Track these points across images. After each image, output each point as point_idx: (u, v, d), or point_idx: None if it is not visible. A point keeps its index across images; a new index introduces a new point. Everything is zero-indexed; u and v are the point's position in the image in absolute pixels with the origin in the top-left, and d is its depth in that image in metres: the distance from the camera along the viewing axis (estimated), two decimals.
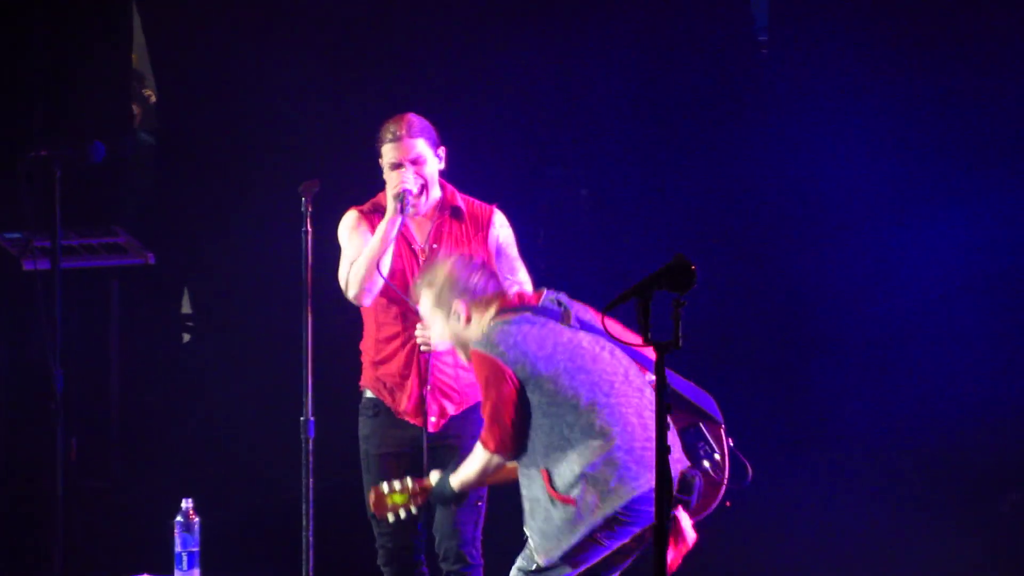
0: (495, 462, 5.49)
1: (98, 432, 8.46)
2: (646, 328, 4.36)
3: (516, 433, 5.39)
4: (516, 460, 5.45)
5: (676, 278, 4.35)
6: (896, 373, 8.09)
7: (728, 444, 5.47)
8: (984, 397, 7.95)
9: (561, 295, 5.54)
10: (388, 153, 6.04)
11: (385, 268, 6.00)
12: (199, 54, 8.86)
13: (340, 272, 6.09)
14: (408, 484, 5.68)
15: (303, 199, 6.00)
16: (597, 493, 5.26)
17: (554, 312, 5.49)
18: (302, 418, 6.04)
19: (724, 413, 5.54)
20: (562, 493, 5.32)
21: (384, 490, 5.67)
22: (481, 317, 5.49)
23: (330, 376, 6.37)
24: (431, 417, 6.07)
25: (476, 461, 5.53)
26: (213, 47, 8.80)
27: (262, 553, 7.75)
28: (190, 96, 9.00)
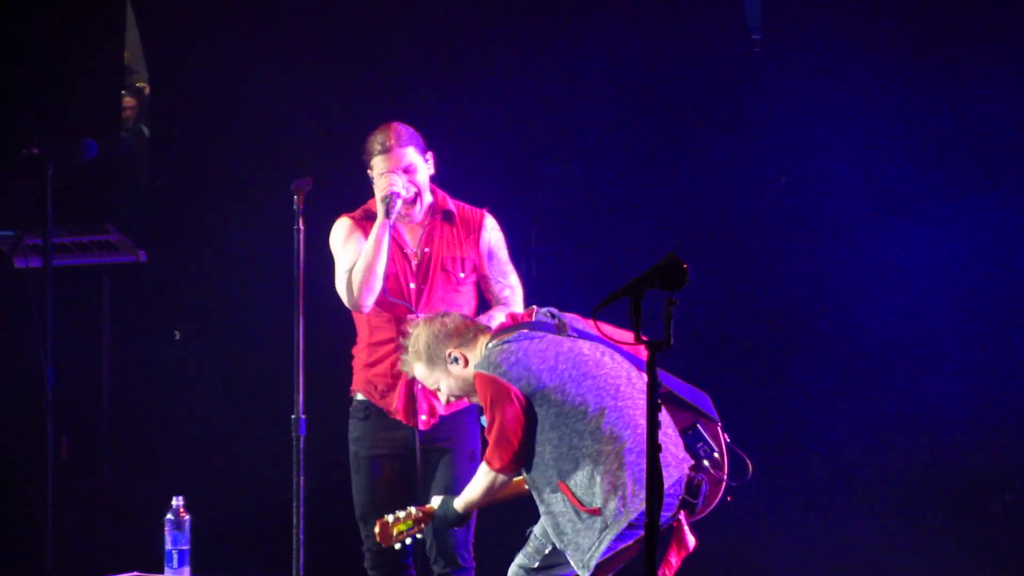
0: (500, 481, 5.48)
1: (89, 430, 8.44)
2: (638, 327, 4.34)
3: (522, 451, 5.37)
4: (527, 477, 5.43)
5: (668, 277, 4.32)
6: (888, 374, 8.09)
7: (725, 440, 5.46)
8: (977, 399, 7.95)
9: (552, 309, 5.53)
10: (379, 164, 6.04)
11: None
12: (192, 53, 8.85)
13: (337, 280, 6.08)
14: (411, 511, 5.66)
15: (295, 197, 5.98)
16: (619, 499, 5.24)
17: (549, 325, 5.47)
18: (293, 416, 6.02)
19: (718, 412, 5.54)
20: (587, 505, 5.29)
21: (389, 520, 5.65)
22: (476, 352, 5.49)
23: (321, 375, 6.35)
24: (421, 416, 6.07)
25: (481, 481, 5.51)
26: (205, 46, 8.79)
27: (253, 551, 7.74)
28: (183, 95, 8.99)
